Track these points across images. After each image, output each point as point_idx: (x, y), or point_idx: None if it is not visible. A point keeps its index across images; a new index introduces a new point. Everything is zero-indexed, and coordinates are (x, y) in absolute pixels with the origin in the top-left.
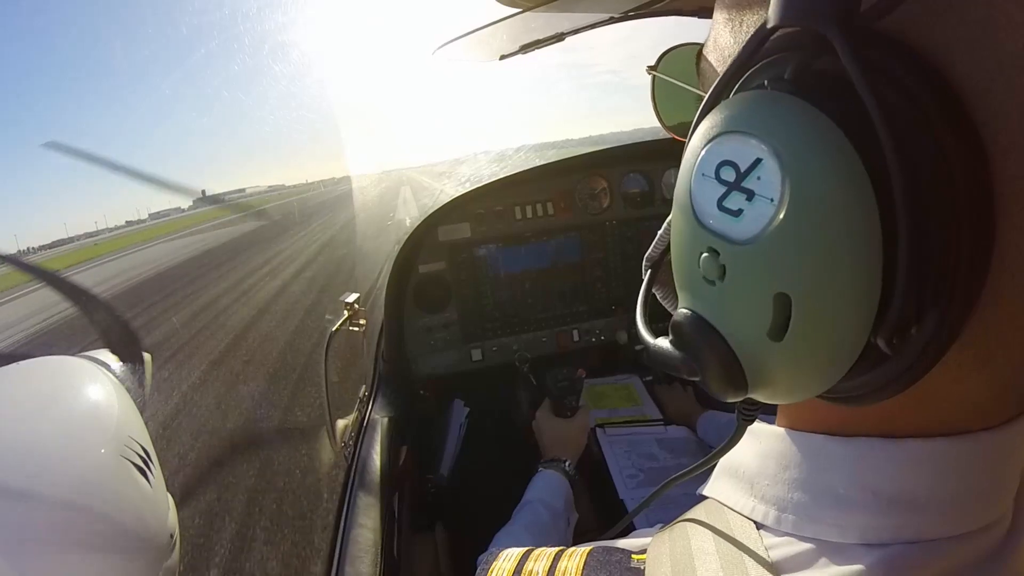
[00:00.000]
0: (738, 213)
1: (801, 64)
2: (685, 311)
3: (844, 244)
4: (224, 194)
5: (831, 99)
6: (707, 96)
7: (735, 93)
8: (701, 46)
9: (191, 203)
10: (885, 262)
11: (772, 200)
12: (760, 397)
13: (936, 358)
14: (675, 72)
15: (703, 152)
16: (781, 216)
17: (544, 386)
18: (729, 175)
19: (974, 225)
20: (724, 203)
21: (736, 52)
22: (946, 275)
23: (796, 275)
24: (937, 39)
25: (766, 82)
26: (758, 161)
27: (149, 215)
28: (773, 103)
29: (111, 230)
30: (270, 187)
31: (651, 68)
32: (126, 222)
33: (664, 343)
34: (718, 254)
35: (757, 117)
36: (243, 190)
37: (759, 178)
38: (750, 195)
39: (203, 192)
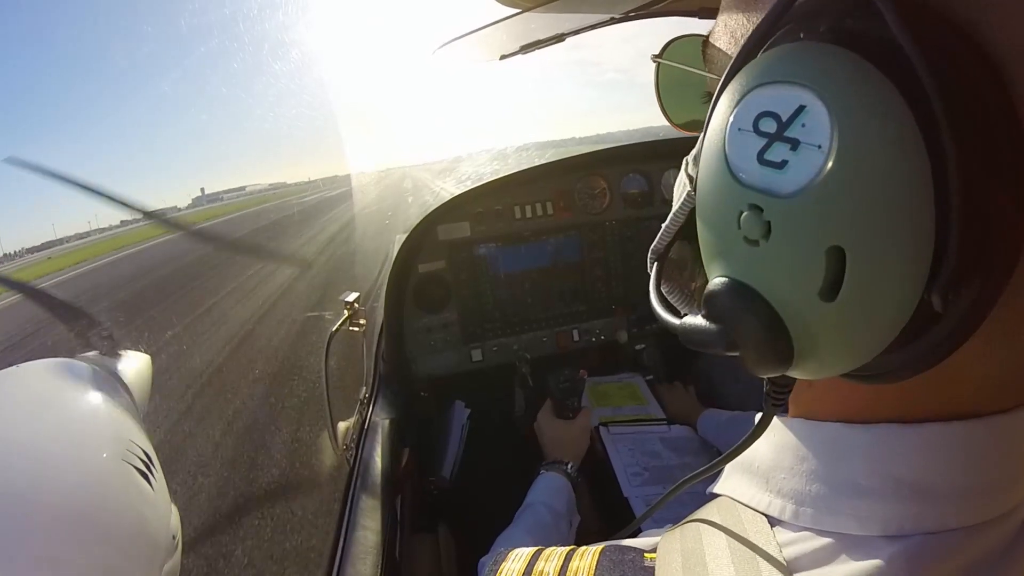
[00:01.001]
0: (782, 165)
1: (837, 18)
2: (722, 279)
3: (898, 188)
4: (223, 192)
5: (870, 47)
6: (736, 54)
7: (764, 52)
8: (706, 36)
9: (190, 201)
10: (936, 210)
11: (820, 147)
12: (802, 371)
13: (978, 322)
14: (681, 61)
15: (738, 107)
16: (831, 163)
17: (545, 387)
18: (770, 126)
19: (1014, 182)
20: (766, 155)
21: (750, 31)
22: (994, 226)
23: (850, 225)
24: (971, 5)
25: (802, 35)
26: (801, 108)
27: (144, 214)
28: (814, 51)
29: (103, 230)
30: (271, 185)
31: (656, 57)
32: (121, 221)
33: (695, 320)
34: (761, 211)
35: (798, 65)
36: (243, 188)
37: (804, 125)
38: (795, 144)
39: (202, 190)
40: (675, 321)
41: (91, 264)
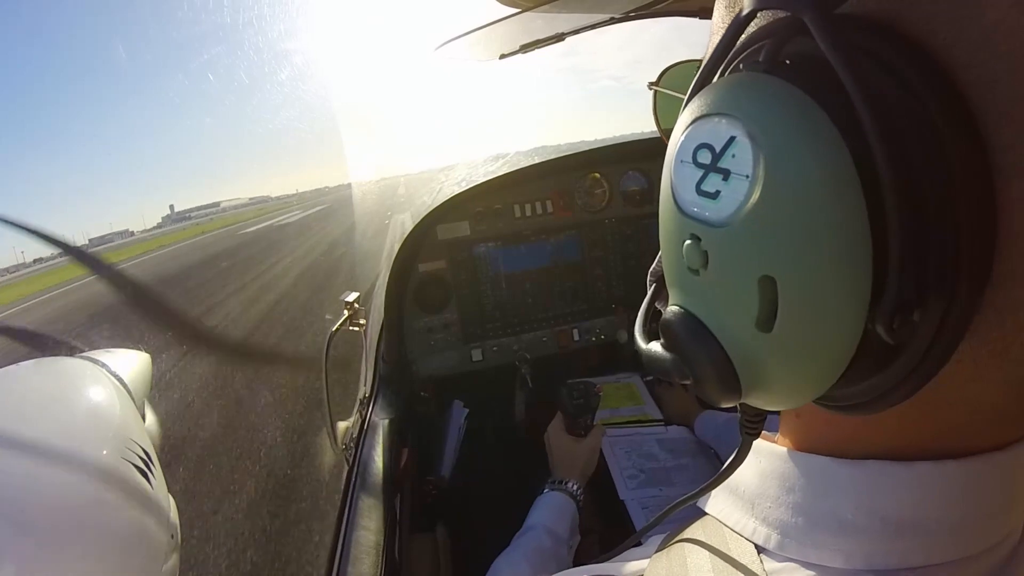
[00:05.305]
0: (716, 195)
1: (775, 45)
2: (673, 308)
3: (824, 217)
4: (192, 210)
5: (803, 74)
6: (690, 88)
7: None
8: (700, 61)
9: (159, 220)
10: (874, 236)
11: (747, 176)
12: (757, 402)
13: (948, 352)
14: (676, 87)
15: (681, 139)
16: (757, 192)
17: (558, 401)
18: (705, 157)
19: (971, 196)
20: (702, 186)
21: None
22: (946, 250)
23: (778, 254)
24: (916, 13)
25: (741, 66)
26: (732, 139)
27: (89, 240)
28: (745, 82)
29: (22, 267)
30: (251, 199)
31: (652, 84)
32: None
33: (656, 347)
34: (700, 240)
35: (729, 97)
36: (217, 204)
37: (733, 156)
38: (726, 175)
39: (171, 207)
40: (643, 346)
41: None
